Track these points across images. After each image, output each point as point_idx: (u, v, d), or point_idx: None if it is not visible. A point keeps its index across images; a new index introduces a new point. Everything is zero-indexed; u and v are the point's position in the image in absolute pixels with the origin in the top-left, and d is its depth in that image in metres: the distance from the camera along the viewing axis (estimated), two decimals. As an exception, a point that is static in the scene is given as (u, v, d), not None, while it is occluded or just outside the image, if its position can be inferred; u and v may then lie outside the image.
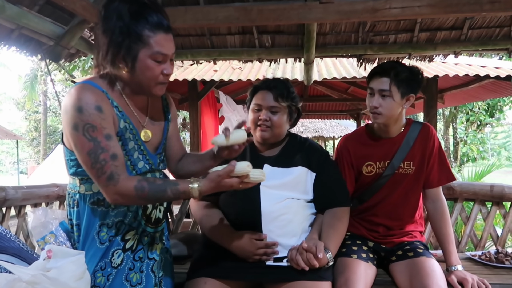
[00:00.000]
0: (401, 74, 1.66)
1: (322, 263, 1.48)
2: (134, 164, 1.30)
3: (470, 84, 5.13)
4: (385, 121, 1.73)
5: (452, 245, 1.74)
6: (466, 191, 2.23)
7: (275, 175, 1.64)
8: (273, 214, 1.57)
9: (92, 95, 1.18)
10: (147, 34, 1.16)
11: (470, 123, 12.73)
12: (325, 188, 1.67)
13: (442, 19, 2.61)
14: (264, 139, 1.67)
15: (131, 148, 1.29)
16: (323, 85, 6.97)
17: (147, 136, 1.34)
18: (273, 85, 1.67)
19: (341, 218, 1.65)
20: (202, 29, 2.84)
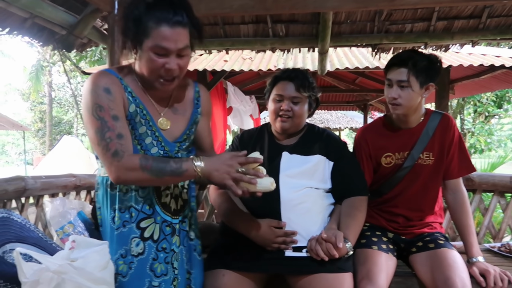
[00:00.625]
0: (419, 63, 1.63)
1: (342, 253, 1.48)
2: (146, 149, 1.32)
3: (482, 75, 5.05)
4: (405, 111, 1.70)
5: (473, 237, 1.72)
6: (485, 182, 2.21)
7: (294, 162, 1.64)
8: (292, 202, 1.56)
9: (104, 79, 1.25)
10: (151, 25, 1.17)
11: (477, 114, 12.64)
12: (342, 177, 1.66)
13: (460, 8, 2.57)
14: (284, 129, 1.68)
15: (143, 133, 1.31)
16: (331, 76, 6.90)
17: (165, 124, 1.35)
18: (294, 75, 1.68)
19: (359, 207, 1.64)
20: (215, 18, 2.81)
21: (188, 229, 1.46)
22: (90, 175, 2.40)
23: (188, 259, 1.45)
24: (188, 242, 1.46)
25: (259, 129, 1.84)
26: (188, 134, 1.43)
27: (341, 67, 4.62)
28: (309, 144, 1.70)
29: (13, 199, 1.84)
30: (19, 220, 1.70)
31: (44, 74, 18.41)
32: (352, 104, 10.41)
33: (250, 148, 1.74)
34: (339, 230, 1.53)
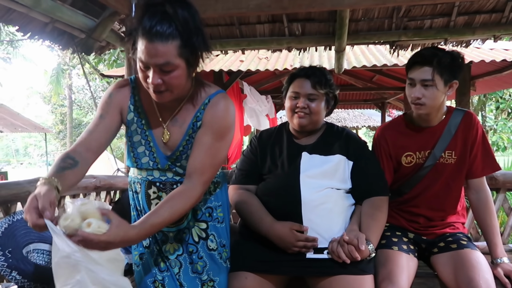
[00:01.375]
0: (444, 60, 1.58)
1: (364, 255, 1.45)
2: (137, 157, 1.36)
3: (504, 70, 4.92)
4: (429, 111, 1.66)
5: (498, 237, 1.68)
6: (510, 181, 2.15)
7: (314, 162, 1.63)
8: (313, 203, 1.54)
9: (116, 84, 1.36)
10: (138, 39, 1.12)
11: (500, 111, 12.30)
12: (363, 177, 1.64)
13: (482, 2, 2.50)
14: (302, 126, 1.66)
15: (136, 142, 1.35)
16: (348, 74, 6.85)
17: (165, 137, 1.33)
18: (311, 72, 1.67)
19: (380, 207, 1.61)
20: (231, 19, 2.81)
21: (197, 240, 1.42)
22: (109, 176, 2.44)
23: (209, 268, 1.43)
24: (206, 251, 1.43)
25: (278, 128, 1.82)
26: (180, 148, 1.33)
27: (358, 65, 4.57)
28: (329, 143, 1.68)
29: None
30: (41, 221, 1.74)
31: (64, 77, 18.81)
32: (369, 103, 10.30)
33: (269, 148, 1.73)
34: (360, 232, 1.51)
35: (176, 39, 1.11)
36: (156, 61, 1.11)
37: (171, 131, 1.33)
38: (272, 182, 1.64)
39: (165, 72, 1.14)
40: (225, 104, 1.31)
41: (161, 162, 1.34)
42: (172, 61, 1.12)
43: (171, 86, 1.17)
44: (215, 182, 1.46)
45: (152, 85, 1.16)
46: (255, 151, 1.75)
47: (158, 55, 1.10)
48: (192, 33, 1.13)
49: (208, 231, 1.44)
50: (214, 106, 1.30)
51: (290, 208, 1.55)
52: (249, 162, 1.76)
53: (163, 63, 1.12)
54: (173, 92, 1.20)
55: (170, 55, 1.11)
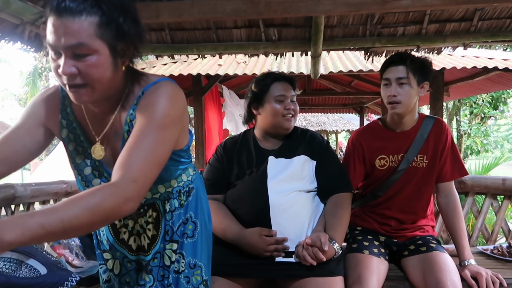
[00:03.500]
0: (415, 61, 1.69)
1: (329, 255, 1.47)
2: (87, 180, 1.12)
3: (476, 77, 5.08)
4: (403, 110, 1.72)
5: (465, 240, 1.73)
6: (478, 185, 2.21)
7: (279, 166, 1.65)
8: (282, 207, 1.56)
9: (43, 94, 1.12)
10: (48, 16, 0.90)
11: (474, 115, 12.63)
12: (325, 175, 1.67)
13: (452, 11, 2.57)
14: (291, 128, 1.72)
15: (80, 163, 1.11)
16: (327, 79, 6.92)
17: (97, 153, 1.08)
18: (287, 76, 1.78)
19: (342, 204, 1.64)
20: (208, 23, 2.80)
21: (169, 264, 1.20)
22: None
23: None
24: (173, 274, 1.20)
25: (242, 135, 1.83)
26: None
27: (335, 70, 4.62)
28: (293, 145, 1.72)
29: (3, 207, 1.83)
30: (8, 228, 1.69)
31: (41, 79, 18.38)
32: (348, 107, 10.45)
33: (235, 155, 1.73)
34: (324, 232, 1.53)
35: (93, 15, 0.88)
36: (66, 42, 0.87)
37: (111, 145, 1.09)
38: (240, 189, 1.65)
39: (79, 58, 0.89)
40: (165, 89, 1.02)
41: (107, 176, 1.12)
42: (87, 42, 0.88)
43: (89, 77, 0.91)
44: (185, 191, 1.22)
45: (65, 76, 0.90)
46: (221, 160, 1.74)
47: (67, 34, 0.86)
48: (117, 11, 0.91)
49: (178, 250, 1.22)
50: (151, 93, 1.02)
51: (258, 213, 1.56)
52: (215, 171, 1.74)
53: (75, 44, 0.87)
54: (94, 88, 0.93)
55: (84, 34, 0.87)
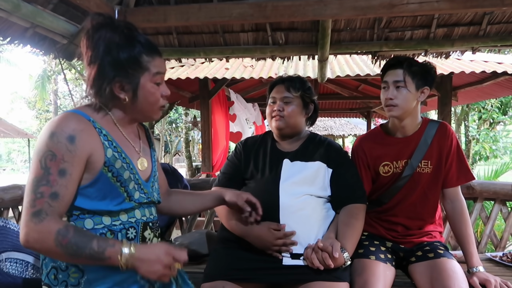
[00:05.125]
0: (414, 65, 1.68)
1: (338, 263, 1.45)
2: (131, 195, 1.19)
3: (485, 81, 5.04)
4: (401, 114, 1.70)
5: (473, 246, 1.70)
6: (487, 190, 2.18)
7: (294, 169, 1.66)
8: (291, 209, 1.56)
9: (73, 123, 1.08)
10: (146, 59, 1.14)
11: (482, 121, 12.50)
12: (341, 185, 1.66)
13: (460, 15, 2.56)
14: (279, 128, 1.72)
15: (127, 179, 1.17)
16: (334, 83, 6.91)
17: (143, 165, 1.25)
18: (287, 78, 1.77)
19: (357, 215, 1.62)
20: (215, 27, 2.82)
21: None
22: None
23: None
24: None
25: (263, 135, 1.88)
26: (155, 172, 1.33)
27: (342, 75, 4.62)
28: (310, 150, 1.72)
29: (10, 207, 1.84)
30: (15, 229, 1.71)
31: (49, 82, 18.55)
32: (355, 111, 10.41)
33: (253, 153, 1.77)
34: (336, 240, 1.52)
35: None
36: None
37: (146, 159, 1.28)
38: (253, 187, 1.67)
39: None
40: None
41: (149, 192, 1.25)
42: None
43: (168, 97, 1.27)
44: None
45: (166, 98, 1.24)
46: (240, 156, 1.79)
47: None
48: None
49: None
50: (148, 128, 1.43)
51: (268, 213, 1.56)
52: (232, 166, 1.79)
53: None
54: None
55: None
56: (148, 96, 1.17)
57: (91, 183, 1.12)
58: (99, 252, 1.02)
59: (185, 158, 14.10)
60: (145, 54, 1.14)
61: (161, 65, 1.19)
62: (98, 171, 1.12)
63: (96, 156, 1.11)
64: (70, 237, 1.01)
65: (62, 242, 1.01)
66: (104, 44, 1.10)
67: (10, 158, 32.76)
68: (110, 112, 1.19)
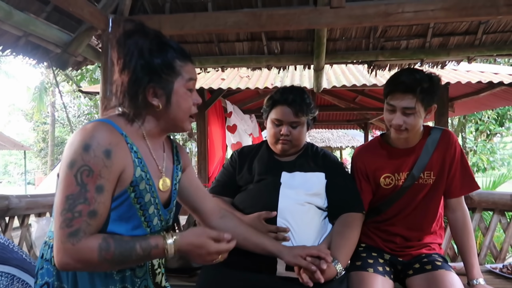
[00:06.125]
0: (425, 88, 1.53)
1: (329, 275, 1.39)
2: (149, 220, 1.12)
3: (481, 92, 5.04)
4: (408, 135, 1.64)
5: (474, 258, 1.65)
6: (485, 201, 2.14)
7: (294, 179, 1.63)
8: (290, 213, 1.53)
9: (108, 136, 1.02)
10: (179, 64, 1.12)
11: (479, 132, 12.56)
12: (336, 194, 1.63)
13: (456, 24, 2.55)
14: (285, 151, 1.70)
15: (148, 202, 1.11)
16: (331, 95, 6.91)
17: (165, 185, 1.18)
18: (292, 99, 1.65)
19: (351, 224, 1.58)
20: (210, 36, 2.81)
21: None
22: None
23: None
24: None
25: (259, 144, 1.85)
26: (175, 196, 1.26)
27: (338, 85, 4.61)
28: (308, 161, 1.70)
29: (-4, 218, 1.79)
30: (1, 241, 1.65)
31: (47, 94, 18.56)
32: (352, 123, 10.41)
33: (248, 161, 1.74)
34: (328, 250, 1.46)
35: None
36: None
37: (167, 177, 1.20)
38: (251, 190, 1.65)
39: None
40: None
41: (165, 219, 1.19)
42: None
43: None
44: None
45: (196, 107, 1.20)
46: (235, 164, 1.77)
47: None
48: None
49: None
50: (180, 145, 1.35)
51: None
52: (227, 174, 1.77)
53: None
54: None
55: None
56: (181, 102, 1.13)
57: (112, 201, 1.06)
58: (145, 255, 1.02)
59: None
60: (178, 59, 1.12)
61: (193, 72, 1.17)
62: (123, 189, 1.06)
63: (126, 173, 1.05)
64: (113, 250, 0.98)
65: (107, 257, 0.97)
66: (137, 49, 1.07)
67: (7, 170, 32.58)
68: (141, 124, 1.14)
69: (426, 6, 2.12)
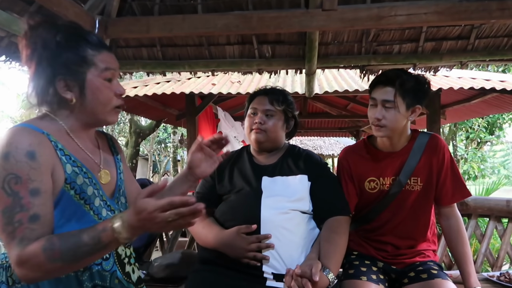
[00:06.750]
0: (407, 83, 1.53)
1: (322, 286, 1.33)
2: (98, 213, 1.09)
3: (472, 99, 5.05)
4: (389, 134, 1.60)
5: (471, 265, 1.60)
6: (481, 207, 2.10)
7: (276, 184, 1.57)
8: (273, 223, 1.46)
9: (27, 138, 0.96)
10: (91, 53, 1.06)
11: (470, 140, 12.65)
12: (320, 197, 1.57)
13: (448, 28, 2.53)
14: (259, 142, 1.63)
15: (91, 195, 1.08)
16: (322, 102, 6.90)
17: (106, 178, 1.15)
18: (270, 90, 1.71)
19: (338, 228, 1.52)
20: (200, 39, 2.75)
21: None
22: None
23: None
24: None
25: (239, 151, 1.79)
26: (120, 186, 1.22)
27: (330, 90, 4.58)
28: (290, 164, 1.64)
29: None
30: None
31: (36, 101, 18.36)
32: (344, 130, 10.41)
33: (228, 169, 1.68)
34: (317, 260, 1.40)
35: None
36: (119, 68, 1.15)
37: (109, 171, 1.17)
38: (232, 201, 1.59)
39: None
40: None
41: (115, 209, 1.16)
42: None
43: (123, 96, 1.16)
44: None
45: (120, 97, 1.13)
46: (213, 173, 1.66)
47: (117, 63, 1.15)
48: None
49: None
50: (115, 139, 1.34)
51: None
52: (206, 185, 1.70)
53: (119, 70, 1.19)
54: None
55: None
56: (97, 94, 1.07)
57: (54, 204, 1.00)
58: (95, 243, 0.92)
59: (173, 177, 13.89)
60: (90, 48, 1.06)
61: (111, 61, 1.10)
62: (59, 190, 1.01)
63: (56, 172, 1.00)
64: (58, 247, 0.91)
65: (55, 256, 0.90)
66: (40, 42, 1.02)
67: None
68: (62, 122, 1.08)
69: (419, 10, 2.09)
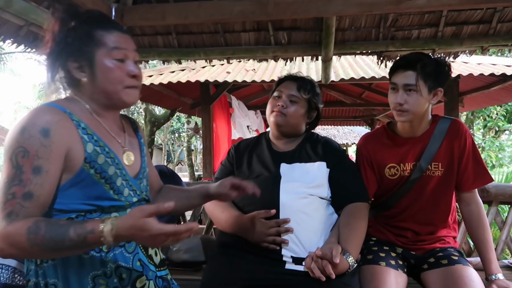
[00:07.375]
0: (428, 66, 1.50)
1: (342, 269, 1.34)
2: (119, 192, 1.10)
3: (492, 86, 4.93)
4: (411, 118, 1.57)
5: (492, 252, 1.58)
6: (502, 193, 2.07)
7: (294, 171, 1.57)
8: (292, 208, 1.46)
9: (46, 116, 0.99)
10: (100, 33, 1.07)
11: (487, 129, 12.40)
12: (340, 184, 1.56)
13: (469, 12, 2.46)
14: (278, 125, 1.63)
15: (113, 174, 1.09)
16: (337, 90, 6.84)
17: (130, 159, 1.17)
18: (300, 78, 1.70)
19: (357, 214, 1.51)
20: (216, 26, 2.73)
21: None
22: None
23: None
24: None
25: (257, 137, 1.79)
26: (144, 168, 1.24)
27: (346, 77, 4.52)
28: (308, 151, 1.64)
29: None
30: None
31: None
32: (359, 119, 10.33)
33: (246, 155, 1.68)
34: (338, 244, 1.40)
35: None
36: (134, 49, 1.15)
37: (133, 152, 1.20)
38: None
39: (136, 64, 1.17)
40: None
41: (137, 189, 1.17)
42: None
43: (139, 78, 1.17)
44: None
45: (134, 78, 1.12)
46: (232, 159, 1.71)
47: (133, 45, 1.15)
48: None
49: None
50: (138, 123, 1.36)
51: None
52: (225, 171, 1.71)
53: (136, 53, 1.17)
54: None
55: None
56: (107, 73, 1.07)
57: (71, 183, 1.02)
58: (80, 241, 0.91)
59: (187, 166, 14.01)
60: (99, 27, 1.07)
61: (122, 41, 1.10)
62: (78, 168, 1.02)
63: (74, 151, 1.01)
64: (43, 233, 0.90)
65: (36, 241, 0.90)
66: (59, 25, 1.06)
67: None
68: (86, 103, 1.11)
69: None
